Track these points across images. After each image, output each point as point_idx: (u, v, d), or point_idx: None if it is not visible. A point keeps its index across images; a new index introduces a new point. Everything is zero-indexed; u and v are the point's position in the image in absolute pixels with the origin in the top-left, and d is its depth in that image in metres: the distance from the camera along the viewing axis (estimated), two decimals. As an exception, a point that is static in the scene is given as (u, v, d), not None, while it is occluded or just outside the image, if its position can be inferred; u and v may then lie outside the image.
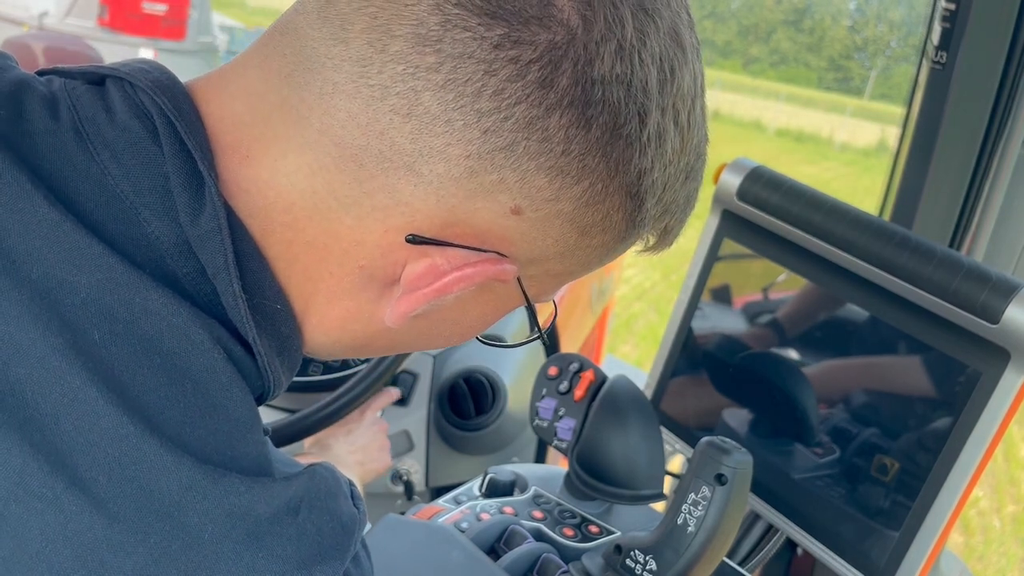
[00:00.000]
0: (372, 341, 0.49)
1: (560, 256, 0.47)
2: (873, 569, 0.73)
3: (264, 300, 0.44)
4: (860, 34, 28.11)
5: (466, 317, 0.49)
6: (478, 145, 0.41)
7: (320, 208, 0.43)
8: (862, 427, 0.75)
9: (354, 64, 0.41)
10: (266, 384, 0.45)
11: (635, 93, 0.42)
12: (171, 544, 0.37)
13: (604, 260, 0.50)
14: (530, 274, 0.47)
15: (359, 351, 0.51)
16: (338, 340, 0.48)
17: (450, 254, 0.44)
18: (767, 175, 0.82)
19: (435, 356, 1.27)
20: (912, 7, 19.29)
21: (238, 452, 0.40)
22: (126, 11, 5.66)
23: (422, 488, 1.28)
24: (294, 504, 0.41)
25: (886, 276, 0.71)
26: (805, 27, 30.86)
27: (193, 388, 0.40)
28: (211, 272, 0.42)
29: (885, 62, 26.50)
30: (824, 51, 30.71)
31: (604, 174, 0.43)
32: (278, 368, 0.46)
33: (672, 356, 0.91)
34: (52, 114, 0.43)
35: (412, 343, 0.52)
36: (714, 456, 0.62)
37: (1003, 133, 1.07)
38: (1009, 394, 0.65)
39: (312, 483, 0.43)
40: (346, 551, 0.42)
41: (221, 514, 0.38)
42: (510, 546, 0.75)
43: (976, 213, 1.13)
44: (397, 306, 0.45)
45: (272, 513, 0.40)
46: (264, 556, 0.39)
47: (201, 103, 0.44)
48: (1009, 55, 1.03)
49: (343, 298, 0.46)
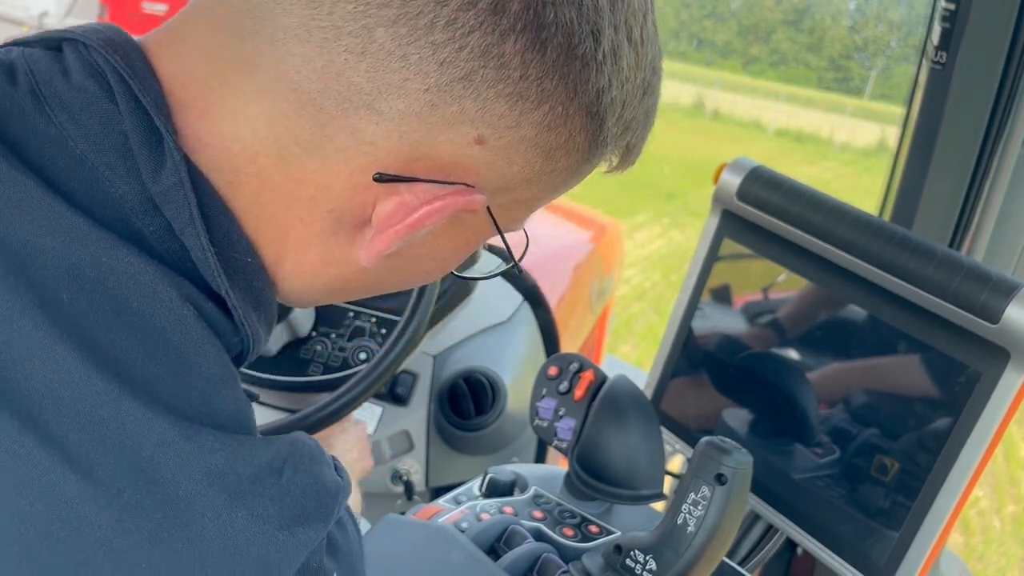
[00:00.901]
0: (348, 283, 0.49)
1: (527, 182, 0.47)
2: (873, 569, 0.73)
3: (234, 253, 0.44)
4: (860, 34, 28.11)
5: (439, 251, 0.49)
6: (435, 77, 0.41)
7: (283, 155, 0.43)
8: (862, 427, 0.75)
9: (304, 7, 0.41)
10: (244, 339, 0.45)
11: (587, 12, 0.42)
12: (144, 500, 0.37)
13: (570, 183, 0.51)
14: (499, 203, 0.47)
15: (336, 295, 0.51)
16: (313, 285, 0.48)
17: (418, 190, 0.44)
18: (767, 175, 0.82)
19: (435, 356, 1.27)
20: (912, 7, 19.29)
21: (215, 408, 0.40)
22: (126, 11, 5.67)
23: (422, 488, 1.28)
24: (277, 464, 0.41)
25: (886, 276, 0.71)
26: (805, 27, 30.85)
27: (164, 345, 0.39)
28: (177, 228, 0.42)
29: (885, 62, 26.49)
30: (824, 51, 30.70)
31: (563, 96, 0.43)
32: (255, 322, 0.45)
33: (672, 356, 0.91)
34: (10, 80, 0.42)
35: (388, 282, 0.51)
36: (714, 456, 0.62)
37: (1003, 133, 1.07)
38: (1009, 394, 0.66)
39: (295, 447, 0.42)
40: (330, 514, 0.42)
41: (197, 471, 0.38)
42: (510, 546, 0.75)
43: (976, 213, 1.13)
44: (371, 246, 0.45)
45: (253, 472, 0.39)
46: (244, 515, 0.39)
47: (154, 60, 0.44)
48: (1009, 55, 1.03)
49: (315, 243, 0.46)
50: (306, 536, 0.41)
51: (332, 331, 1.17)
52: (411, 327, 0.99)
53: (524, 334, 1.36)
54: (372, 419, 1.24)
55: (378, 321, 1.18)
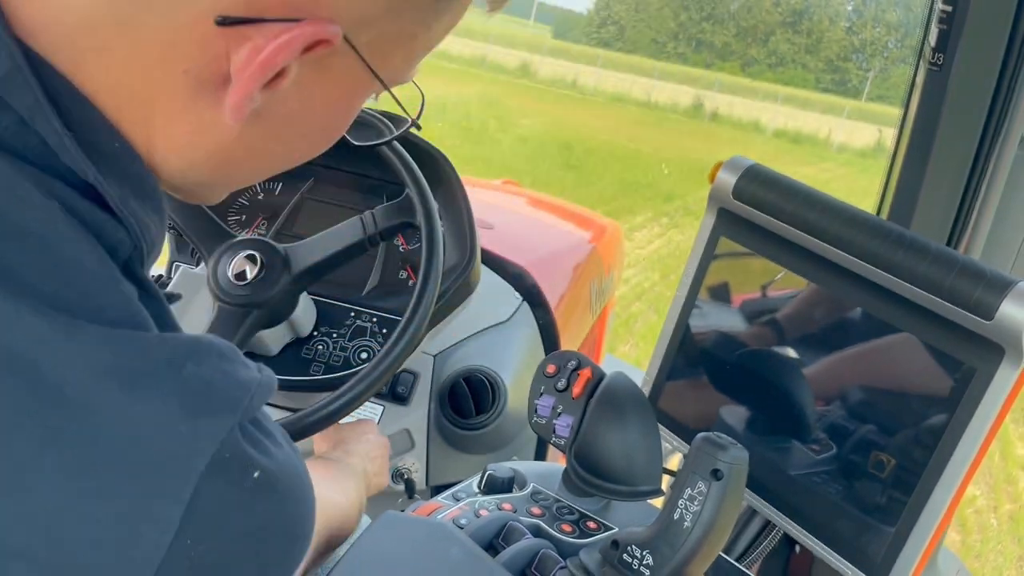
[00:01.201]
0: (230, 155, 0.46)
1: (390, 12, 0.44)
2: (869, 565, 0.74)
3: (97, 138, 0.42)
4: (858, 36, 28.10)
5: (313, 106, 0.47)
6: None
7: (122, 17, 0.40)
8: (858, 424, 0.76)
9: None
10: (132, 232, 0.43)
11: None
12: (29, 401, 0.36)
13: (443, 19, 0.48)
14: (365, 41, 0.44)
15: (224, 172, 0.48)
16: (193, 162, 0.46)
17: (268, 31, 0.41)
18: (763, 173, 0.82)
19: (435, 356, 1.27)
20: (909, 9, 19.31)
21: (102, 304, 0.39)
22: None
23: (423, 486, 1.29)
24: (177, 359, 0.39)
25: (881, 273, 0.72)
26: (803, 29, 30.87)
27: (37, 243, 0.38)
28: (27, 116, 0.39)
29: (882, 64, 26.50)
30: (822, 53, 30.72)
31: None
32: (139, 212, 0.43)
33: (669, 354, 0.91)
34: None
35: (273, 150, 0.49)
36: (710, 452, 0.63)
37: (1000, 134, 1.08)
38: (1004, 390, 0.66)
39: (200, 344, 0.41)
40: (238, 405, 0.41)
41: (83, 368, 0.37)
42: (508, 542, 0.75)
43: (973, 213, 1.14)
44: (231, 99, 0.43)
45: (150, 367, 0.38)
46: (142, 409, 0.37)
47: None
48: (1005, 56, 1.03)
49: (181, 113, 0.43)
50: (211, 427, 0.39)
51: (333, 331, 1.17)
52: (412, 327, 1.00)
53: (524, 334, 1.37)
54: (373, 418, 1.24)
55: (379, 321, 1.18)
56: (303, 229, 1.26)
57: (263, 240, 1.06)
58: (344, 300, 1.20)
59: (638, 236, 7.61)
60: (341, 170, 1.32)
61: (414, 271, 1.25)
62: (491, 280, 1.37)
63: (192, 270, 1.22)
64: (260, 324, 1.04)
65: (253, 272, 1.02)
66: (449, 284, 1.16)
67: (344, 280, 1.21)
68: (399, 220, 1.06)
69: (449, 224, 1.21)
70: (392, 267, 1.27)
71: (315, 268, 1.05)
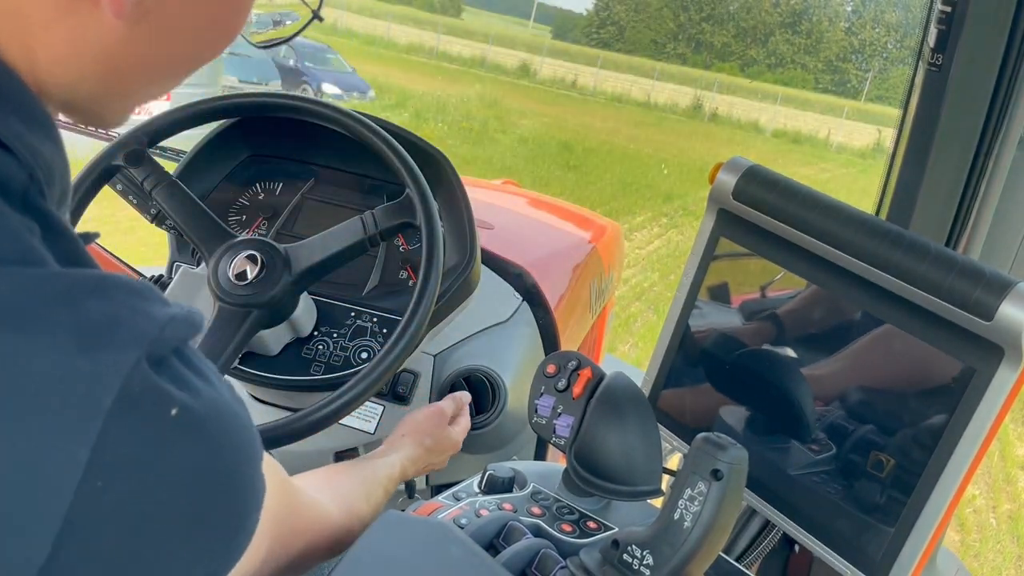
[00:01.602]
0: (120, 63, 0.44)
1: None
2: (869, 564, 0.74)
3: None
4: (857, 36, 28.14)
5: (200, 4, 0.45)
6: None
7: None
8: (858, 424, 0.76)
9: None
10: (23, 161, 0.40)
11: None
12: None
13: None
14: None
15: (113, 81, 0.45)
16: (82, 73, 0.43)
17: None
18: (762, 174, 0.82)
19: (436, 355, 1.27)
20: (908, 10, 19.32)
21: None
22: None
23: (423, 486, 1.29)
24: (76, 294, 0.37)
25: (881, 274, 0.72)
26: (802, 30, 30.88)
27: None
28: None
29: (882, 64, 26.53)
30: (821, 53, 30.73)
31: None
32: (27, 137, 0.41)
33: (669, 354, 0.91)
34: None
35: (166, 52, 0.46)
36: (709, 452, 0.63)
37: (999, 134, 1.08)
38: (1003, 390, 0.66)
39: (108, 280, 0.39)
40: (143, 338, 0.38)
41: None
42: (509, 542, 0.75)
43: (972, 213, 1.14)
44: None
45: (38, 303, 0.36)
46: (30, 344, 0.35)
47: None
48: (1005, 57, 1.04)
49: (58, 19, 0.41)
50: (113, 360, 0.37)
51: (334, 331, 1.17)
52: (412, 327, 1.00)
53: (524, 334, 1.37)
54: (373, 418, 1.25)
55: (380, 321, 1.19)
56: (303, 229, 1.26)
57: (264, 240, 1.06)
58: (344, 300, 1.20)
59: (638, 236, 7.61)
60: (341, 170, 1.32)
61: (414, 271, 1.25)
62: (491, 280, 1.38)
63: (192, 270, 1.22)
64: (261, 324, 1.04)
65: (254, 272, 1.02)
66: (449, 284, 1.16)
67: (344, 280, 1.21)
68: (399, 220, 1.06)
69: (449, 224, 1.22)
70: (392, 267, 1.27)
71: (315, 268, 1.05)
